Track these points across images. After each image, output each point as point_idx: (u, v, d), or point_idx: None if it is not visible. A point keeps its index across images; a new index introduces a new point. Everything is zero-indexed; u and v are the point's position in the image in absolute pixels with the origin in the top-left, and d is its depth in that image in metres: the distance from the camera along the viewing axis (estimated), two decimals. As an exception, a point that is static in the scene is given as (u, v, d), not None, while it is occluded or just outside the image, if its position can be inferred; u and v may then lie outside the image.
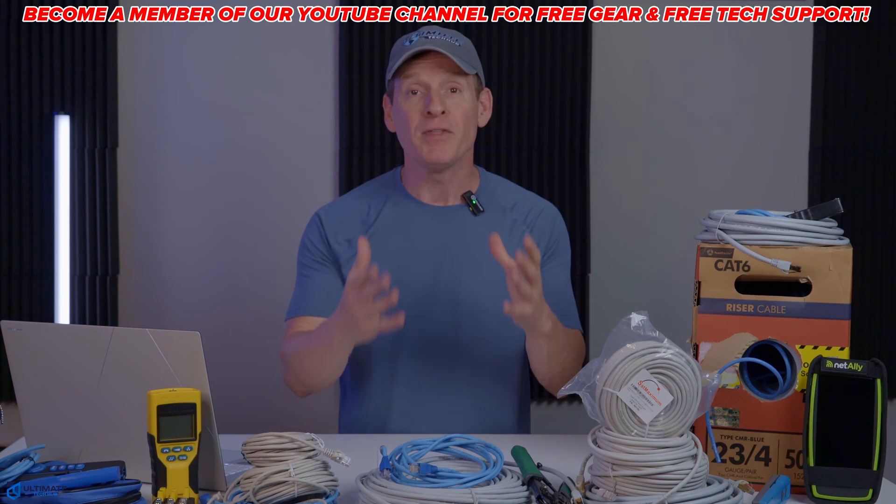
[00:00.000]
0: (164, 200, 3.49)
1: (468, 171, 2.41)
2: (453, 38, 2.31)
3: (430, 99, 2.28)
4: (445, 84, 2.29)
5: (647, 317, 1.68)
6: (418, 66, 2.29)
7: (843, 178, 3.56)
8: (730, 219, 1.86)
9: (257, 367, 3.50)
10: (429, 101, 2.28)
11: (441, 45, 2.27)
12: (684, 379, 1.62)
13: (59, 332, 1.94)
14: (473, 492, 1.58)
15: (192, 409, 1.64)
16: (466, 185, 2.41)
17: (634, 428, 1.62)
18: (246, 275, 3.51)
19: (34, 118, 3.40)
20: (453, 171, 2.36)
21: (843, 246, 1.84)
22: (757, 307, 1.84)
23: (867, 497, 1.72)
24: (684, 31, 3.53)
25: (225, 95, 3.49)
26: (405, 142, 2.35)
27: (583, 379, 1.67)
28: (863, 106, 3.56)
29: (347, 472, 1.67)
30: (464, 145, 2.33)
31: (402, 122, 2.33)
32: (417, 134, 2.30)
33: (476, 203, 2.39)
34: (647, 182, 3.56)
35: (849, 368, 1.74)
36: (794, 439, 1.82)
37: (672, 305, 2.77)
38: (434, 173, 2.35)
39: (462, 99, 2.31)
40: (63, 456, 1.81)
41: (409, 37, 2.32)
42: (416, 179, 2.40)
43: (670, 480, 1.60)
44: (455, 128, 2.30)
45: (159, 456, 1.63)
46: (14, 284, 3.42)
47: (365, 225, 2.38)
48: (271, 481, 1.60)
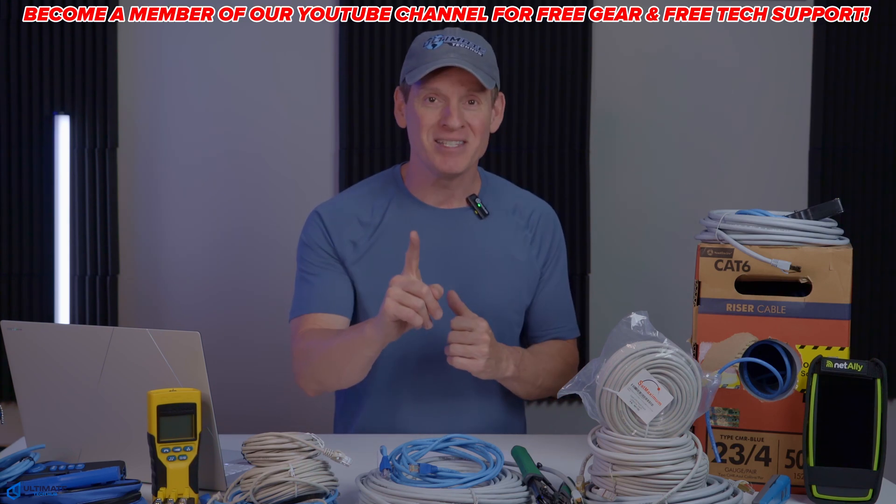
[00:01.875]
0: (163, 200, 3.49)
1: (473, 174, 2.41)
2: (476, 48, 2.28)
3: (449, 112, 2.26)
4: (465, 98, 2.28)
5: (647, 317, 1.69)
6: (440, 77, 2.26)
7: (843, 178, 3.56)
8: (730, 219, 1.86)
9: (257, 367, 3.50)
10: (447, 114, 2.26)
11: (465, 57, 2.24)
12: (684, 379, 1.62)
13: (59, 332, 1.95)
14: (473, 492, 1.58)
15: (192, 409, 1.64)
16: (470, 187, 2.41)
17: (634, 428, 1.62)
18: (246, 275, 3.51)
19: (34, 118, 3.39)
20: (461, 177, 2.36)
21: (843, 246, 1.84)
22: (757, 307, 1.84)
23: (867, 497, 1.72)
24: (684, 30, 3.53)
25: (224, 95, 3.49)
26: (416, 144, 2.33)
27: (583, 379, 1.67)
28: (863, 106, 3.55)
29: (347, 472, 1.68)
30: (477, 155, 2.33)
31: (414, 124, 2.31)
32: (430, 140, 2.29)
33: (481, 206, 2.38)
34: (647, 182, 3.56)
35: (849, 368, 1.74)
36: (794, 439, 1.82)
37: (672, 305, 2.77)
38: (442, 179, 2.35)
39: (479, 111, 2.30)
40: (63, 456, 1.81)
41: (433, 39, 2.28)
42: (421, 181, 2.39)
43: (670, 480, 1.60)
44: (471, 139, 2.29)
45: (159, 456, 1.63)
46: (14, 284, 3.42)
47: (368, 227, 2.37)
48: (271, 481, 1.61)
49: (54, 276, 3.37)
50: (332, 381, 2.29)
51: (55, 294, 3.37)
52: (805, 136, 3.57)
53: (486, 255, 2.37)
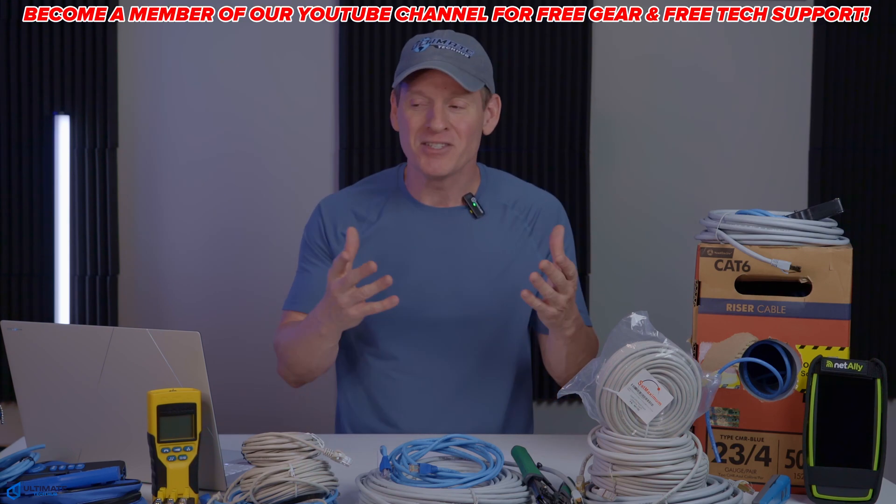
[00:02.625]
0: (163, 200, 3.49)
1: (470, 175, 2.40)
2: (464, 50, 2.27)
3: (433, 114, 2.26)
4: (449, 100, 2.27)
5: (647, 317, 1.68)
6: (423, 79, 2.26)
7: (843, 178, 3.56)
8: (730, 219, 1.86)
9: (257, 368, 3.50)
10: (430, 117, 2.26)
11: (449, 59, 2.23)
12: (684, 379, 1.62)
13: (59, 332, 1.94)
14: (473, 492, 1.58)
15: (192, 409, 1.64)
16: (467, 187, 2.40)
17: (634, 428, 1.62)
18: (246, 274, 3.51)
19: (34, 118, 3.40)
20: (454, 178, 2.36)
21: (843, 246, 1.84)
22: (757, 307, 1.84)
23: (867, 497, 1.72)
24: (684, 31, 3.53)
25: (224, 95, 3.49)
26: (405, 147, 2.34)
27: (583, 379, 1.67)
28: (863, 106, 3.55)
29: (347, 472, 1.67)
30: (464, 157, 2.32)
31: (403, 128, 2.32)
32: (417, 143, 2.29)
33: (476, 206, 2.38)
34: (647, 182, 3.56)
35: (849, 368, 1.74)
36: (794, 439, 1.82)
37: (672, 305, 2.77)
38: (433, 180, 2.35)
39: (466, 114, 2.29)
40: (63, 456, 1.81)
41: (420, 42, 2.28)
42: (417, 182, 2.39)
43: (670, 480, 1.60)
44: (456, 141, 2.29)
45: (159, 456, 1.63)
46: (14, 284, 3.42)
47: (365, 223, 2.38)
48: (271, 481, 1.60)
49: (54, 276, 3.37)
50: (304, 373, 2.33)
51: (55, 294, 3.37)
52: (805, 136, 3.57)
53: (480, 255, 2.36)
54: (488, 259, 2.37)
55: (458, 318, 2.34)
